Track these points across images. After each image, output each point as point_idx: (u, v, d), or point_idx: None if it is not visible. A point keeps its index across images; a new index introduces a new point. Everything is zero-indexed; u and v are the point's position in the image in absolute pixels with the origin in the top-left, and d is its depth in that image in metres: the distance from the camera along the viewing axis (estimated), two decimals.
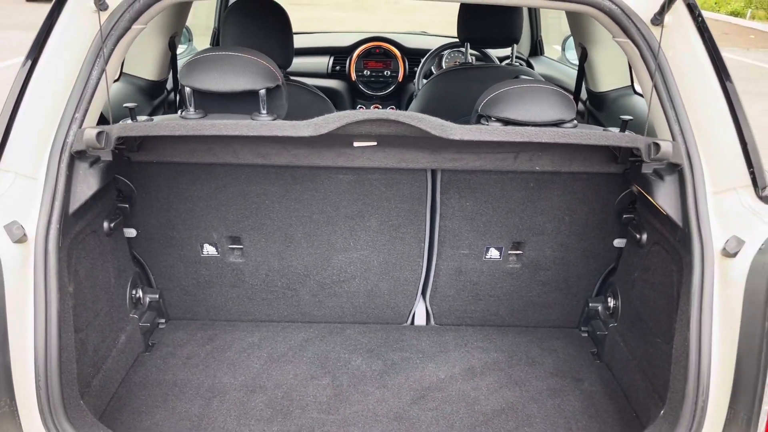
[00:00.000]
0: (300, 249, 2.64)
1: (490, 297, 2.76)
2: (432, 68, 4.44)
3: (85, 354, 2.12)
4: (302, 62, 4.50)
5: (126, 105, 2.14)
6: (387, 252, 2.66)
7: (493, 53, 4.36)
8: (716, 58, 1.98)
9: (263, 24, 2.78)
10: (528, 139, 2.06)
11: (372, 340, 2.71)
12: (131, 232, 2.56)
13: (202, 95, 2.18)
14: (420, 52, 4.53)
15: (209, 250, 2.64)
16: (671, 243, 2.11)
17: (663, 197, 2.09)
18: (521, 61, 4.37)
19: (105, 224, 2.31)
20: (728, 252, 1.83)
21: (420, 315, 2.85)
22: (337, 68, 4.71)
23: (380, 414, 2.29)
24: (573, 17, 3.44)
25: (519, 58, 4.34)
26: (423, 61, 4.34)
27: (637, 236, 2.40)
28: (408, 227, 2.61)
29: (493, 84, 2.30)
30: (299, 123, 2.04)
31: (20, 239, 1.78)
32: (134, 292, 2.55)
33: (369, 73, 4.65)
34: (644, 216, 2.36)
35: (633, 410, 2.33)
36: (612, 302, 2.61)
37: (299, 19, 3.74)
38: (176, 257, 2.66)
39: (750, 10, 21.63)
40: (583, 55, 3.38)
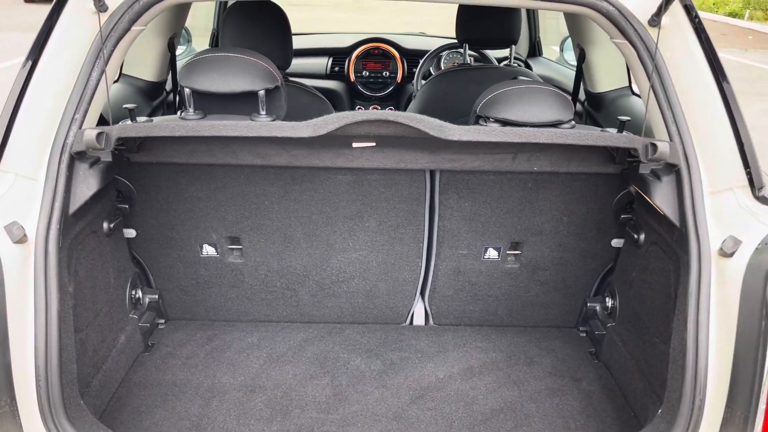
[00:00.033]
0: (299, 249, 2.65)
1: (489, 297, 2.76)
2: (430, 69, 4.44)
3: (85, 354, 2.12)
4: (301, 63, 4.51)
5: (126, 106, 2.15)
6: (386, 252, 2.67)
7: (492, 54, 4.35)
8: (713, 59, 1.98)
9: (262, 25, 2.79)
10: (526, 140, 2.06)
11: (371, 340, 2.72)
12: (131, 233, 2.57)
13: (202, 96, 2.18)
14: (418, 53, 4.53)
15: (208, 251, 2.65)
16: (668, 243, 2.12)
17: (660, 197, 2.10)
18: (519, 62, 4.38)
19: (105, 225, 2.31)
20: (725, 252, 1.84)
21: (419, 315, 2.85)
22: (336, 69, 4.71)
23: (379, 414, 2.29)
24: (571, 18, 3.44)
25: (517, 59, 4.34)
26: (421, 62, 4.34)
27: (635, 236, 2.41)
28: (407, 227, 2.62)
29: (492, 85, 2.31)
30: (298, 124, 2.05)
31: (20, 240, 1.79)
32: (134, 293, 2.56)
33: (368, 74, 4.65)
34: (642, 216, 2.37)
35: (631, 409, 2.34)
36: (610, 302, 2.62)
37: (298, 20, 3.74)
38: (176, 258, 2.66)
39: (748, 11, 21.64)
40: (581, 56, 3.38)
